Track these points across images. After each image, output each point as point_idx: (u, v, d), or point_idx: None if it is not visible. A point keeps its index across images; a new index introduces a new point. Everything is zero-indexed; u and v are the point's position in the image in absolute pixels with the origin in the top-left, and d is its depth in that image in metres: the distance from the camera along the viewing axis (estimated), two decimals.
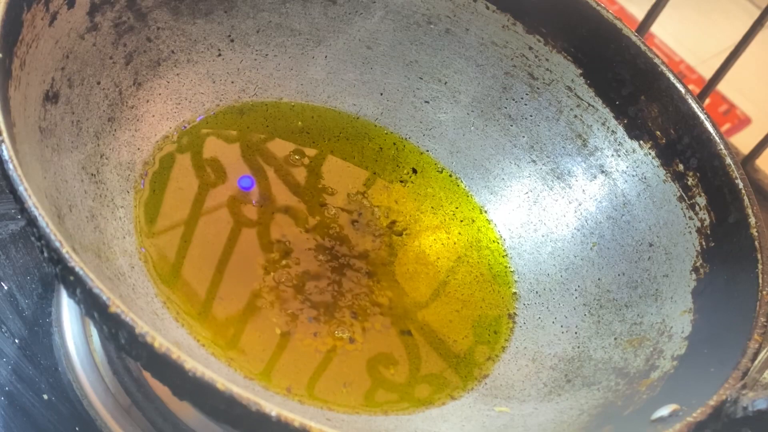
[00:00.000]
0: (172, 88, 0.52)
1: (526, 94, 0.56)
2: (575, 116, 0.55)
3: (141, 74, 0.50)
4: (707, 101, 0.78)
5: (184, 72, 0.53)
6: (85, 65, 0.46)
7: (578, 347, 0.49)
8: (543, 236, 0.55)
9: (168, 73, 0.52)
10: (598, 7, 0.52)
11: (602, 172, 0.54)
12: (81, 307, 0.34)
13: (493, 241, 0.55)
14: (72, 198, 0.43)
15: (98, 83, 0.47)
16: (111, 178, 0.47)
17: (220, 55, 0.54)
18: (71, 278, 0.33)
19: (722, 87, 0.78)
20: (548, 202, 0.55)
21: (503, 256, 0.55)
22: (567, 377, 0.47)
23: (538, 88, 0.55)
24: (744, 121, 0.93)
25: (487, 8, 0.55)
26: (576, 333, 0.50)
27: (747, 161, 0.72)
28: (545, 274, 0.53)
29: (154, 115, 0.51)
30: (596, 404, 0.44)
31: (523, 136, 0.56)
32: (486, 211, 0.56)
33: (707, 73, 0.73)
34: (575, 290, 0.52)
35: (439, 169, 0.57)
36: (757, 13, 0.65)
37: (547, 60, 0.55)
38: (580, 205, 0.54)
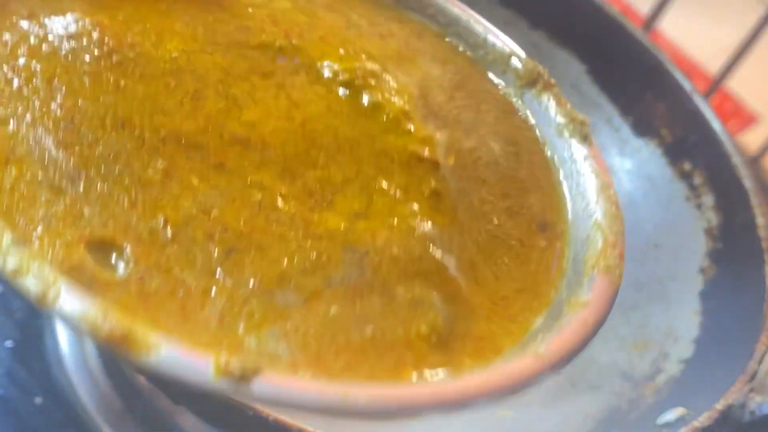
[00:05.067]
0: None
1: None
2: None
3: None
4: (714, 99, 0.78)
5: None
6: None
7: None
8: None
9: None
10: (604, 4, 0.52)
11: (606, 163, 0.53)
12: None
13: None
14: None
15: None
16: None
17: None
18: None
19: (730, 84, 0.78)
20: None
21: None
22: (571, 381, 0.46)
23: None
24: (752, 120, 0.92)
25: (491, 3, 0.54)
26: None
27: (755, 160, 0.72)
28: None
29: None
30: (601, 408, 0.43)
31: None
32: None
33: (714, 71, 0.72)
34: None
35: None
36: (764, 10, 0.64)
37: (551, 56, 0.54)
38: None
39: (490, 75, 0.43)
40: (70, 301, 0.25)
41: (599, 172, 0.38)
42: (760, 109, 0.92)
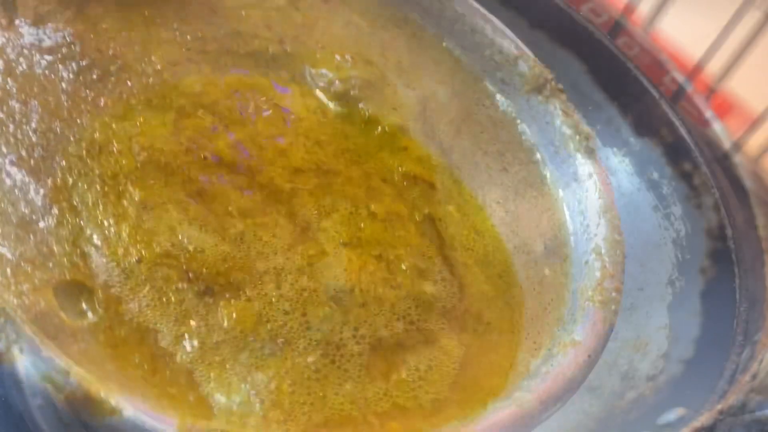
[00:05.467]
0: None
1: None
2: (580, 114, 0.54)
3: None
4: (714, 99, 0.77)
5: None
6: None
7: None
8: None
9: None
10: (604, 4, 0.52)
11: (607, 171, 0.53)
12: None
13: None
14: None
15: None
16: None
17: None
18: None
19: (731, 84, 0.77)
20: None
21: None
22: None
23: None
24: (752, 120, 0.92)
25: (491, 3, 0.54)
26: None
27: (755, 160, 0.72)
28: None
29: None
30: (601, 409, 0.43)
31: None
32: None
33: (715, 71, 0.72)
34: None
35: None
36: (764, 10, 0.64)
37: (551, 56, 0.54)
38: None
39: (491, 85, 0.41)
40: (31, 360, 0.23)
41: (602, 193, 0.36)
42: (760, 109, 0.91)
